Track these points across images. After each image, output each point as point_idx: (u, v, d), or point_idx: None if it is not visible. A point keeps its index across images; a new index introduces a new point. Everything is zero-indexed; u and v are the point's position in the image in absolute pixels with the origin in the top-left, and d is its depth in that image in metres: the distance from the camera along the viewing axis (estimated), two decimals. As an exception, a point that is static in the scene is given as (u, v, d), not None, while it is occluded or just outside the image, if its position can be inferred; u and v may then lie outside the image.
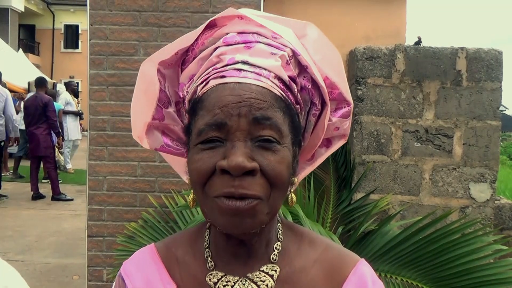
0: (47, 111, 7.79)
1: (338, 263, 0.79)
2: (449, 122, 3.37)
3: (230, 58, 0.71)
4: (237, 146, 0.66)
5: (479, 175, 3.36)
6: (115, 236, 3.25)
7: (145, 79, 0.81)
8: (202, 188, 0.70)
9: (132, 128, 0.84)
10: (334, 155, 3.67)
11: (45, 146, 7.92)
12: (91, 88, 3.30)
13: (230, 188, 0.66)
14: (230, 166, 0.65)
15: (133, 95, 0.83)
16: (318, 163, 0.88)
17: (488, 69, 3.36)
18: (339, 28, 4.06)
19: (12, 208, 7.46)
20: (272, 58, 0.71)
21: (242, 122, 0.67)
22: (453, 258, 2.37)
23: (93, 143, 3.31)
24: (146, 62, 0.80)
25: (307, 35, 0.79)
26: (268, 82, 0.70)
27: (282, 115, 0.70)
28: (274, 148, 0.68)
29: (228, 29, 0.74)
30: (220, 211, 0.67)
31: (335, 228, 3.02)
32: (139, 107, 0.82)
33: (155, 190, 3.31)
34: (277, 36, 0.73)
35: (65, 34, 29.11)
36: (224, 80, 0.70)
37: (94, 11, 3.27)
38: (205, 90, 0.71)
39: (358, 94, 3.40)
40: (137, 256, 0.85)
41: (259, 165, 0.67)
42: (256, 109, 0.67)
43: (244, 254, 0.76)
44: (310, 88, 0.76)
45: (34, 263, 5.00)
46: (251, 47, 0.72)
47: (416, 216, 3.20)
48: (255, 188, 0.66)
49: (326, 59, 0.79)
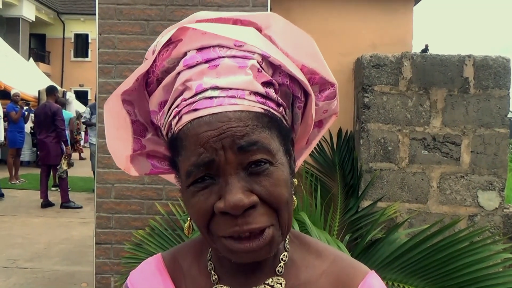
0: (56, 120, 7.86)
1: (346, 275, 0.75)
2: (456, 129, 3.36)
3: (198, 85, 0.66)
4: (231, 183, 0.63)
5: (488, 183, 3.34)
6: (123, 243, 3.26)
7: (113, 116, 0.77)
8: (207, 229, 0.67)
9: (115, 162, 0.81)
10: (341, 163, 3.67)
11: (55, 154, 7.98)
12: (99, 96, 3.34)
13: (235, 227, 0.63)
14: (228, 207, 0.62)
15: (105, 134, 0.79)
16: (314, 144, 0.85)
17: (495, 76, 3.35)
18: (346, 36, 4.07)
19: (22, 216, 7.51)
20: (241, 73, 0.66)
21: (229, 155, 0.63)
22: (461, 267, 2.35)
23: (101, 151, 3.34)
24: (108, 100, 0.76)
25: (271, 26, 0.72)
26: (244, 102, 0.65)
27: (268, 132, 0.66)
28: (267, 172, 0.64)
29: (185, 46, 0.69)
30: (233, 252, 0.66)
31: (342, 236, 3.01)
32: (116, 144, 0.79)
33: (163, 197, 3.33)
34: (241, 43, 0.67)
35: (75, 43, 29.40)
36: (199, 113, 0.65)
37: (103, 20, 3.31)
38: (180, 127, 0.67)
39: (365, 102, 3.40)
40: (143, 267, 0.85)
41: (257, 195, 0.64)
42: (239, 137, 0.63)
43: (249, 266, 0.74)
44: (289, 84, 0.71)
45: (43, 270, 5.03)
46: (216, 65, 0.66)
47: (424, 224, 3.18)
48: (260, 220, 0.64)
49: (299, 47, 0.73)
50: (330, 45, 3.95)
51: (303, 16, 4.07)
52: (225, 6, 3.29)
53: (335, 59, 3.86)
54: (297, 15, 4.03)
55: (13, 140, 10.17)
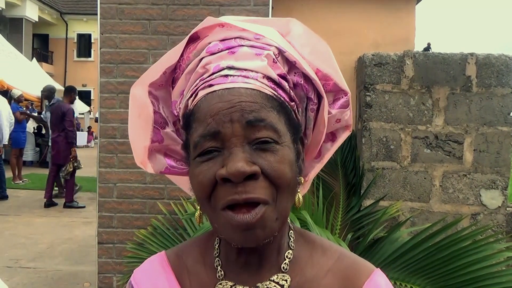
0: (64, 120, 7.89)
1: (352, 273, 0.75)
2: (459, 128, 3.35)
3: (215, 66, 0.70)
4: (234, 153, 0.65)
5: (490, 182, 3.33)
6: (125, 243, 3.27)
7: (137, 103, 0.79)
8: (208, 202, 0.68)
9: (133, 154, 0.83)
10: (343, 161, 3.67)
11: (65, 155, 8.01)
12: (101, 96, 3.34)
13: (234, 195, 0.64)
14: (229, 173, 0.63)
15: (128, 121, 0.82)
16: (326, 159, 0.86)
17: (498, 74, 3.33)
18: (348, 35, 4.06)
19: (25, 216, 7.53)
20: (257, 59, 0.70)
21: (236, 128, 0.65)
22: (464, 265, 2.34)
23: (103, 151, 3.34)
24: (136, 86, 0.79)
25: (291, 31, 0.77)
26: (256, 83, 0.68)
27: (276, 114, 0.68)
28: (272, 148, 0.66)
29: (210, 38, 0.73)
30: (230, 228, 0.66)
31: (344, 235, 3.00)
32: (136, 132, 0.81)
33: (164, 197, 3.33)
34: (260, 36, 0.72)
35: (78, 43, 29.49)
36: (212, 88, 0.68)
37: (105, 20, 3.32)
38: (195, 102, 0.70)
39: (367, 100, 3.40)
40: (147, 264, 0.85)
41: (260, 167, 0.65)
42: (248, 112, 0.65)
43: (254, 263, 0.74)
44: (303, 84, 0.74)
45: (46, 270, 5.04)
46: (235, 52, 0.71)
47: (426, 223, 3.17)
48: (259, 191, 0.64)
49: (315, 52, 0.77)
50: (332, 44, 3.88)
51: (305, 14, 4.06)
52: (227, 5, 3.28)
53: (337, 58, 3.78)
54: (299, 14, 4.03)
55: (17, 140, 10.19)
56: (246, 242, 0.67)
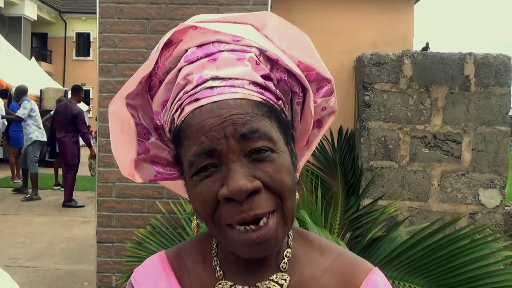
0: (77, 123, 7.91)
1: (350, 272, 0.76)
2: (457, 127, 3.35)
3: (199, 77, 0.67)
4: (234, 169, 0.63)
5: (489, 181, 3.34)
6: (124, 242, 3.27)
7: (117, 119, 0.78)
8: (212, 219, 0.67)
9: (120, 168, 0.81)
10: (342, 161, 3.67)
11: (72, 155, 8.05)
12: (100, 95, 3.34)
13: (241, 214, 0.63)
14: (231, 192, 0.62)
15: (110, 137, 0.80)
16: (314, 146, 0.86)
17: (496, 74, 3.34)
18: (347, 34, 4.06)
19: (24, 215, 7.53)
20: (240, 65, 0.68)
21: (231, 143, 0.64)
22: (462, 265, 2.35)
23: (102, 150, 3.34)
24: (113, 102, 0.77)
25: (267, 25, 0.75)
26: (244, 91, 0.66)
27: (268, 120, 0.67)
28: (269, 158, 0.65)
29: (186, 44, 0.71)
30: (241, 244, 0.66)
31: (343, 234, 3.01)
32: (121, 147, 0.80)
33: (163, 196, 3.33)
34: (239, 38, 0.69)
35: (76, 42, 29.43)
36: (200, 103, 0.66)
37: (104, 19, 3.32)
38: (183, 118, 0.68)
39: (366, 100, 3.40)
40: (147, 264, 0.85)
41: (260, 181, 0.64)
42: (240, 125, 0.64)
43: (253, 262, 0.74)
44: (287, 79, 0.72)
45: (45, 269, 5.04)
46: (215, 58, 0.68)
47: (424, 222, 3.18)
48: (264, 206, 0.64)
49: (295, 44, 0.75)
50: (330, 44, 3.95)
51: (304, 14, 4.07)
52: (226, 4, 3.29)
53: (335, 58, 3.86)
54: (298, 14, 4.03)
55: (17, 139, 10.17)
56: (259, 254, 0.67)
